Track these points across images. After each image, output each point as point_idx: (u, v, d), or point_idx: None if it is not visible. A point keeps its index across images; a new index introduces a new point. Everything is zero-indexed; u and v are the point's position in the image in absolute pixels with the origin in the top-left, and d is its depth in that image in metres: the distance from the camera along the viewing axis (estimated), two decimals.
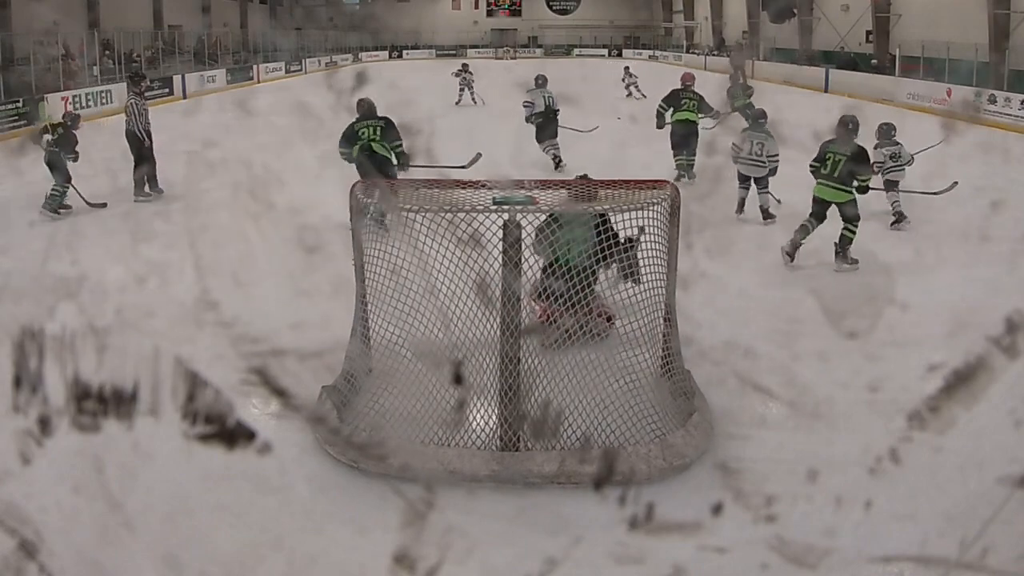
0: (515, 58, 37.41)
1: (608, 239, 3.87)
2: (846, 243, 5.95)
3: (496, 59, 36.75)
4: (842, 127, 6.04)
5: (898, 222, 7.17)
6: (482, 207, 3.51)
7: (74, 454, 2.97)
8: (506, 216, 3.44)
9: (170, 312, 5.00)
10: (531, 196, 3.63)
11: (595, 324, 3.95)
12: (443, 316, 3.56)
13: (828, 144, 6.00)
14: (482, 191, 3.69)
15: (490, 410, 3.48)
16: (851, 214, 5.95)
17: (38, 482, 3.02)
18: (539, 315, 4.05)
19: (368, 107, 6.94)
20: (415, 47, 40.18)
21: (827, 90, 21.16)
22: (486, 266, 3.42)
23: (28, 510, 2.67)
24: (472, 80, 18.00)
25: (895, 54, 20.90)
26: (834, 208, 5.97)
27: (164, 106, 16.53)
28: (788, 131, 7.50)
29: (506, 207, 3.48)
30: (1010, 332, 2.28)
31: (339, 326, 4.13)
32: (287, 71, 27.37)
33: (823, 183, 5.96)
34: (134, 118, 8.30)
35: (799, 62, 24.58)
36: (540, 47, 41.30)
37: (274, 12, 36.04)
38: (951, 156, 8.04)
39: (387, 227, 3.99)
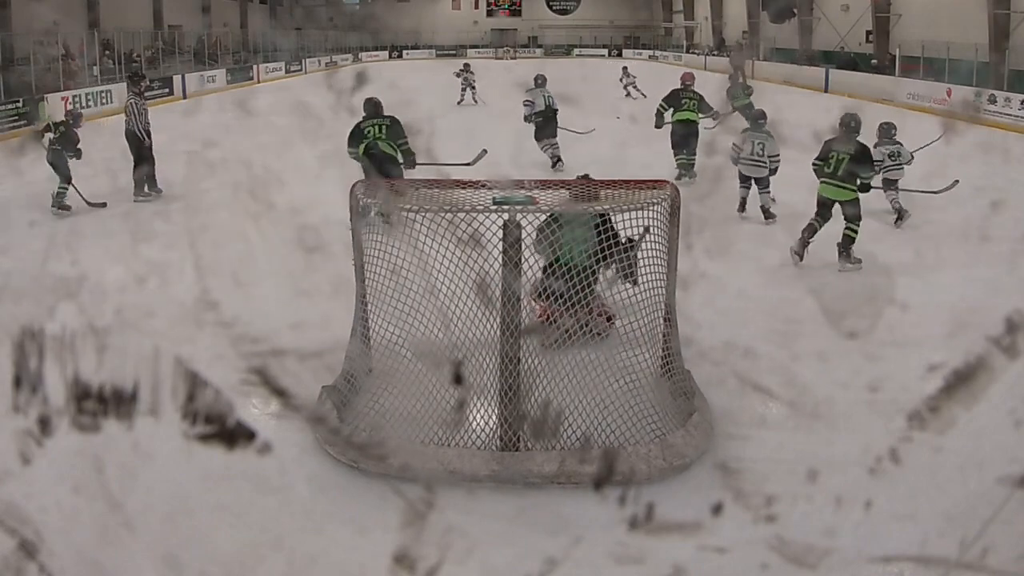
0: (515, 58, 37.39)
1: (608, 239, 3.88)
2: (848, 243, 5.95)
3: (496, 59, 36.73)
4: (844, 126, 6.06)
5: (900, 219, 7.19)
6: (482, 207, 3.51)
7: (74, 454, 2.97)
8: (506, 216, 3.44)
9: (170, 312, 5.00)
10: (531, 196, 3.63)
11: (595, 324, 3.95)
12: (443, 316, 3.56)
13: (831, 143, 6.02)
14: (482, 191, 3.69)
15: (490, 410, 3.48)
16: (853, 214, 5.95)
17: (38, 482, 3.02)
18: (539, 315, 4.05)
19: (374, 106, 6.97)
20: (415, 47, 40.17)
21: (827, 90, 21.16)
22: (486, 266, 3.41)
23: (28, 510, 2.68)
24: (474, 80, 18.08)
25: (895, 54, 20.88)
26: (836, 207, 5.98)
27: (164, 106, 16.54)
28: (788, 131, 7.51)
29: (506, 207, 3.47)
30: (1010, 332, 2.28)
31: (339, 326, 4.13)
32: (287, 71, 27.37)
33: (827, 182, 5.97)
34: (134, 118, 8.29)
35: (799, 62, 24.57)
36: (540, 47, 41.29)
37: (274, 12, 36.04)
38: (951, 156, 8.04)
39: (392, 223, 3.98)
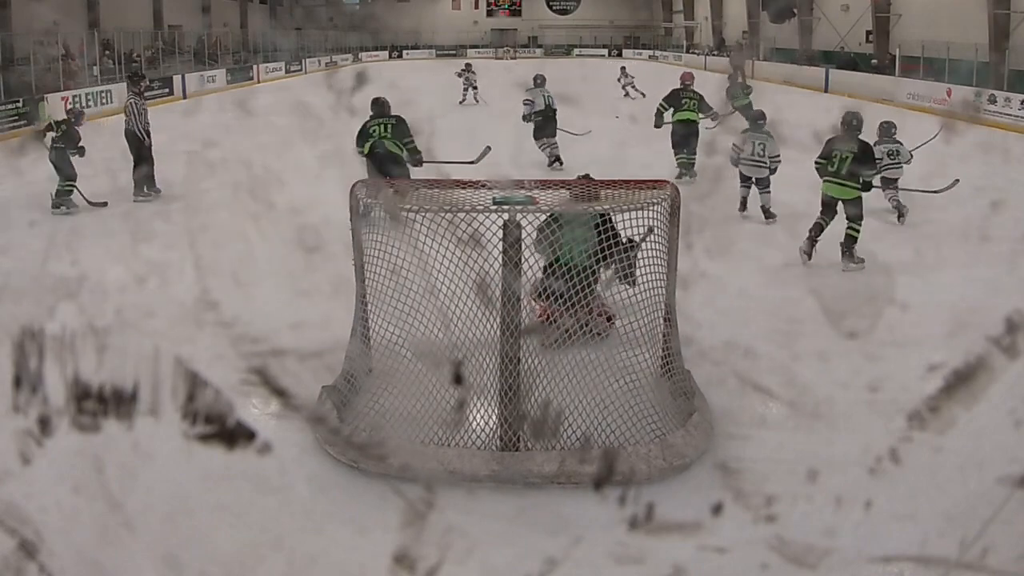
0: (515, 58, 37.40)
1: (609, 239, 3.87)
2: (851, 242, 5.96)
3: (496, 59, 36.74)
4: (847, 124, 6.08)
5: (901, 215, 7.20)
6: (482, 207, 3.51)
7: (74, 454, 2.96)
8: (506, 216, 3.44)
9: (170, 312, 4.99)
10: (531, 196, 3.63)
11: (595, 324, 3.95)
12: (443, 316, 3.55)
13: (833, 141, 6.03)
14: (482, 191, 3.69)
15: (490, 410, 3.48)
16: (854, 213, 5.96)
17: (38, 482, 3.02)
18: (539, 315, 4.05)
19: (381, 105, 7.04)
20: (415, 47, 40.17)
21: (827, 90, 21.16)
22: (486, 266, 3.41)
23: (28, 510, 2.67)
24: (475, 80, 18.14)
25: (895, 54, 20.90)
26: (840, 205, 5.98)
27: (164, 106, 16.54)
28: (788, 131, 7.51)
29: (506, 207, 3.47)
30: (1010, 332, 2.27)
31: (339, 326, 4.13)
32: (287, 71, 27.38)
33: (830, 180, 5.99)
34: (134, 118, 8.29)
35: (799, 62, 24.58)
36: (540, 47, 41.29)
37: (274, 12, 36.04)
38: (951, 156, 8.04)
39: (398, 219, 3.98)
